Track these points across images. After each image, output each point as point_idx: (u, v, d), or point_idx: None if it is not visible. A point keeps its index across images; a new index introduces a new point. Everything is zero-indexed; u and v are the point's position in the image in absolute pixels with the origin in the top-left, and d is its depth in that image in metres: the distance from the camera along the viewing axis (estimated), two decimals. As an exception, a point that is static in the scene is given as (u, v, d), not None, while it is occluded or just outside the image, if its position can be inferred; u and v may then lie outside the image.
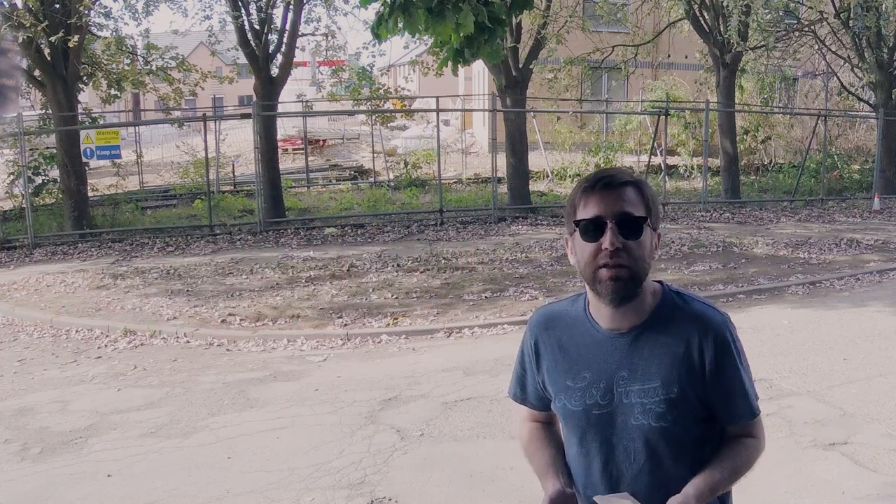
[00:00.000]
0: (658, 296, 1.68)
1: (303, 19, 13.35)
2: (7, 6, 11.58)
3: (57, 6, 11.26)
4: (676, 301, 1.68)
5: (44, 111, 13.97)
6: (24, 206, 12.06)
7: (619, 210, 1.58)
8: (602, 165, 18.02)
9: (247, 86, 16.20)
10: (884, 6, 13.68)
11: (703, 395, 1.63)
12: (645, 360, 1.63)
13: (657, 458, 1.65)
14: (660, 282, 1.72)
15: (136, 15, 12.87)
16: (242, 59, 13.53)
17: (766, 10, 13.94)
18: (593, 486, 1.70)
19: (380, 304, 8.00)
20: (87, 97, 18.30)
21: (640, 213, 1.60)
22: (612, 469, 1.67)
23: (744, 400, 1.68)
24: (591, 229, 1.58)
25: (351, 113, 22.59)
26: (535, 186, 15.25)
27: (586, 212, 1.60)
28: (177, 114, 16.08)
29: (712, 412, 1.66)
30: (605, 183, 1.60)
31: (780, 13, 15.04)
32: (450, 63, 5.26)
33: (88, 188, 12.88)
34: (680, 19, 15.80)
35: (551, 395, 1.76)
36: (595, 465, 1.69)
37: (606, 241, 1.56)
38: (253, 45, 12.57)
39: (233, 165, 18.36)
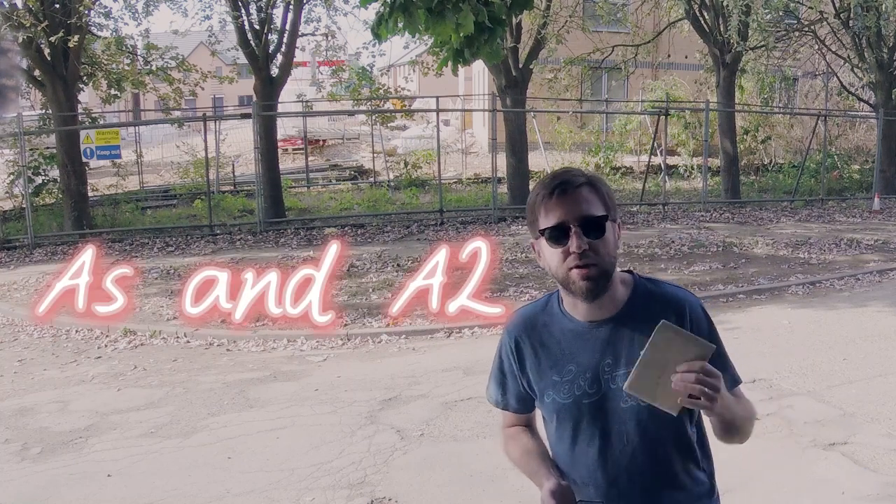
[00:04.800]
0: (630, 285, 1.76)
1: (303, 19, 13.35)
2: (7, 6, 11.58)
3: (57, 6, 11.25)
4: (649, 287, 1.76)
5: (44, 111, 13.97)
6: (24, 206, 12.06)
7: (580, 213, 1.63)
8: (602, 166, 18.04)
9: (247, 86, 16.20)
10: (884, 6, 13.67)
11: None
12: (627, 345, 1.69)
13: (648, 437, 1.70)
14: (629, 271, 1.79)
15: (136, 15, 12.86)
16: (242, 59, 13.53)
17: (766, 10, 13.94)
18: (591, 474, 1.75)
19: (380, 304, 8.00)
20: (87, 97, 18.29)
21: (601, 212, 1.65)
22: (608, 454, 1.72)
23: (723, 369, 1.70)
24: (557, 235, 1.64)
25: (351, 113, 22.58)
26: (535, 186, 15.22)
27: (549, 219, 1.64)
28: (177, 114, 16.06)
29: None
30: (561, 189, 1.65)
31: (780, 13, 15.03)
32: (450, 63, 5.27)
33: (88, 188, 12.88)
34: (680, 19, 15.79)
35: (537, 394, 1.81)
36: (591, 452, 1.74)
37: (573, 245, 1.62)
38: (253, 45, 12.57)
39: (233, 165, 18.36)
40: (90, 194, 13.07)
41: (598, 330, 1.72)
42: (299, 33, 13.19)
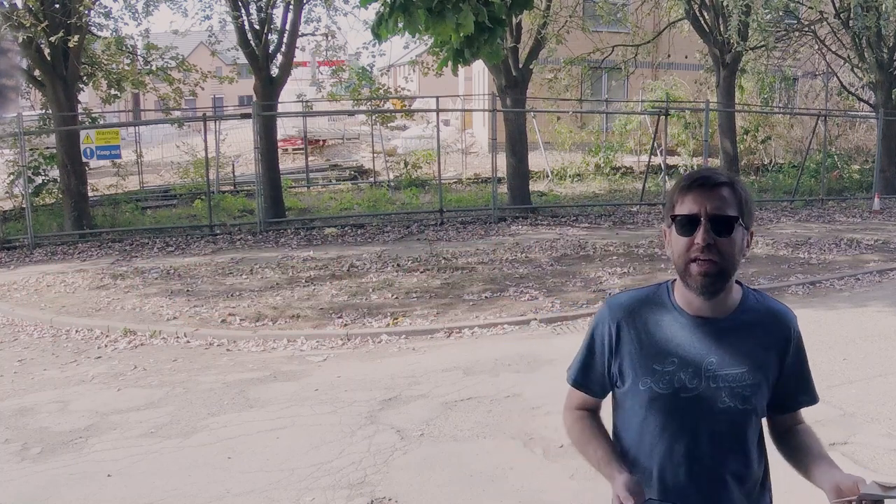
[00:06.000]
0: (740, 292, 1.81)
1: (303, 19, 13.36)
2: (7, 6, 11.58)
3: (57, 6, 11.25)
4: (756, 297, 1.83)
5: (44, 111, 13.97)
6: (24, 206, 12.06)
7: (713, 209, 1.68)
8: (602, 165, 18.04)
9: (247, 86, 16.21)
10: (884, 6, 13.67)
11: (777, 381, 1.79)
12: (733, 348, 1.74)
13: (740, 439, 1.76)
14: (738, 281, 1.83)
15: (136, 15, 12.87)
16: (242, 59, 13.53)
17: (766, 10, 13.94)
18: (674, 469, 1.77)
19: (380, 304, 8.00)
20: (87, 97, 18.30)
21: (733, 213, 1.69)
22: (696, 451, 1.75)
23: (811, 387, 1.86)
24: (686, 225, 1.69)
25: (351, 113, 22.59)
26: (535, 186, 15.25)
27: (682, 208, 1.70)
28: (177, 114, 16.06)
29: (776, 398, 1.81)
30: (701, 182, 1.71)
31: (780, 13, 15.04)
32: (450, 63, 5.27)
33: (88, 188, 12.88)
34: (680, 19, 15.81)
35: (627, 380, 1.81)
36: (678, 447, 1.76)
37: (699, 237, 1.67)
38: (253, 45, 12.57)
39: (233, 165, 18.36)
40: (90, 194, 13.07)
41: (706, 327, 1.75)
42: (299, 33, 13.20)
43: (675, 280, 1.81)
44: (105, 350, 6.97)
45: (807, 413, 1.90)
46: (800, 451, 1.82)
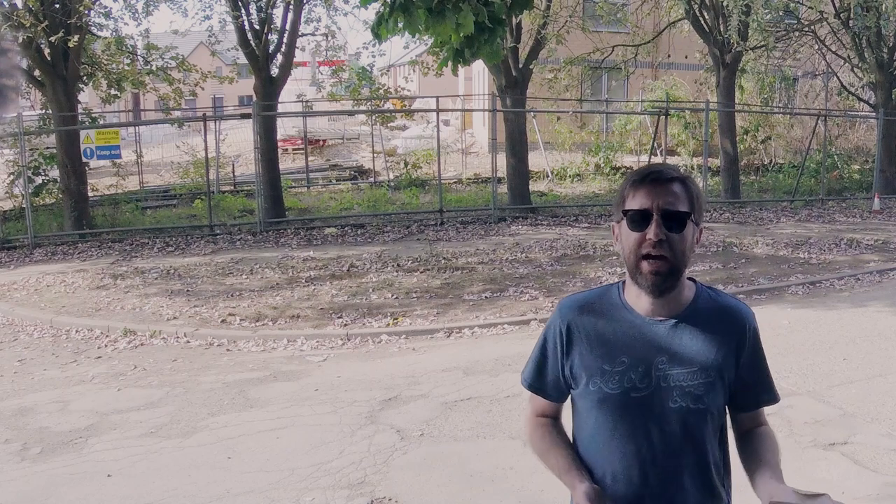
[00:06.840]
0: (693, 289, 1.79)
1: (303, 19, 13.37)
2: (7, 6, 11.58)
3: (57, 6, 11.25)
4: (711, 294, 1.81)
5: (44, 111, 13.97)
6: (24, 206, 12.06)
7: (665, 204, 1.66)
8: (602, 165, 18.04)
9: (247, 86, 16.21)
10: (884, 6, 13.68)
11: (734, 380, 1.75)
12: (685, 346, 1.72)
13: (692, 439, 1.72)
14: (691, 278, 1.81)
15: (136, 15, 12.86)
16: (242, 59, 13.53)
17: (766, 10, 13.94)
18: (626, 470, 1.73)
19: (380, 304, 8.00)
20: (87, 97, 18.30)
21: (685, 209, 1.68)
22: (647, 452, 1.72)
23: (770, 385, 1.82)
24: (638, 220, 1.67)
25: (351, 113, 22.58)
26: (535, 186, 15.24)
27: (634, 202, 1.68)
28: (177, 114, 16.06)
29: (734, 397, 1.78)
30: (653, 178, 1.69)
31: (780, 13, 15.04)
32: (450, 63, 5.27)
33: (88, 188, 12.88)
34: (680, 19, 15.80)
35: (580, 381, 1.77)
36: (630, 448, 1.73)
37: (651, 232, 1.65)
38: (253, 45, 12.57)
39: (233, 165, 18.36)
40: (90, 194, 13.07)
41: (657, 326, 1.73)
42: (299, 33, 13.20)
43: (625, 280, 1.79)
44: (105, 350, 6.97)
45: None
46: (751, 457, 1.78)
